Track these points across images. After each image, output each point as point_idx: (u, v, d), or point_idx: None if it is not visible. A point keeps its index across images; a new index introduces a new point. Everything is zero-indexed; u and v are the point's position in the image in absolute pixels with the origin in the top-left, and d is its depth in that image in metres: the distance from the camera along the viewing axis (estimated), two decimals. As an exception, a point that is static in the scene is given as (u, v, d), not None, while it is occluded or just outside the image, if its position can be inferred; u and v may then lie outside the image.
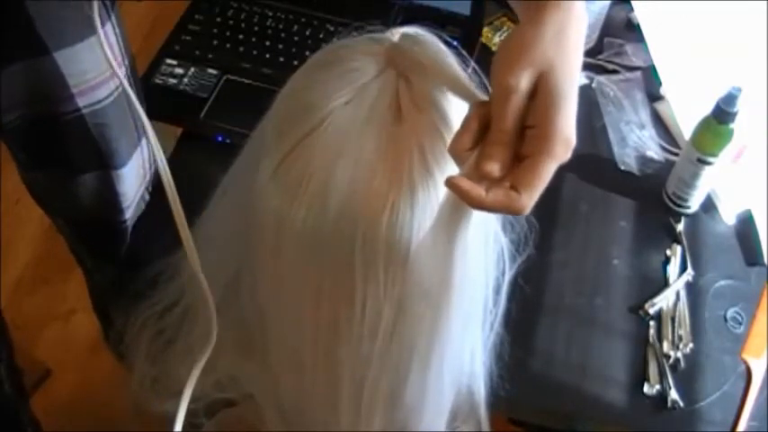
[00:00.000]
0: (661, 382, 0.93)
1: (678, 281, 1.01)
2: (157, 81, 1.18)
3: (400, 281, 0.55)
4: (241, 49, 1.22)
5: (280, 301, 0.61)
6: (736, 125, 0.97)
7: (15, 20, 0.81)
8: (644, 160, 1.11)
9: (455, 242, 0.54)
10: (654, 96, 1.18)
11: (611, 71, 1.20)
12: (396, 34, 0.59)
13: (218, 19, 1.25)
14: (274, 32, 1.24)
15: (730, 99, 0.94)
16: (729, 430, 0.91)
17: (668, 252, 1.03)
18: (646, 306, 0.99)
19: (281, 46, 1.22)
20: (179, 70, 1.19)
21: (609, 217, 1.07)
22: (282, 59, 1.21)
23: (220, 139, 1.13)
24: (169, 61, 1.20)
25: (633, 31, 1.24)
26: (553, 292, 1.00)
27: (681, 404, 0.92)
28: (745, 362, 0.95)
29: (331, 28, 1.24)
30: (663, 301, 0.99)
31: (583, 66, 0.56)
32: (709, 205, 1.07)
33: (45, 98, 0.89)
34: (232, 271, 0.66)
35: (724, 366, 0.95)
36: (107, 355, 1.15)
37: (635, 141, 1.13)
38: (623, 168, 1.11)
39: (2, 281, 1.71)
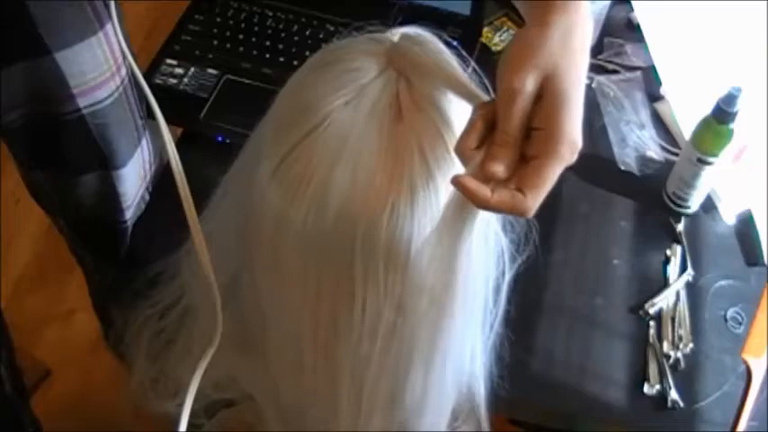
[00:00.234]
0: (661, 382, 0.93)
1: (678, 281, 1.01)
2: (157, 81, 1.18)
3: (400, 281, 0.55)
4: (241, 49, 1.22)
5: (280, 302, 0.61)
6: (736, 125, 0.97)
7: (16, 20, 0.81)
8: (644, 160, 1.11)
9: (460, 243, 0.54)
10: (654, 96, 1.17)
11: (611, 71, 1.20)
12: (396, 34, 0.58)
13: (218, 19, 1.25)
14: (274, 32, 1.23)
15: (730, 99, 0.94)
16: (729, 430, 0.91)
17: (668, 252, 1.03)
18: (646, 306, 0.99)
19: (281, 46, 1.22)
20: (179, 70, 1.19)
21: (609, 217, 1.07)
22: (282, 59, 1.21)
23: (220, 139, 1.13)
24: (169, 61, 1.20)
25: (633, 31, 1.24)
26: (553, 292, 1.00)
27: (681, 404, 0.92)
28: (745, 362, 0.95)
29: (331, 28, 1.24)
30: (663, 301, 0.99)
31: (583, 66, 0.56)
32: (709, 205, 1.07)
33: (46, 98, 0.88)
34: (232, 271, 0.66)
35: (724, 366, 0.95)
36: (107, 355, 1.14)
37: (635, 141, 1.13)
38: (623, 168, 1.11)
39: (2, 281, 1.71)
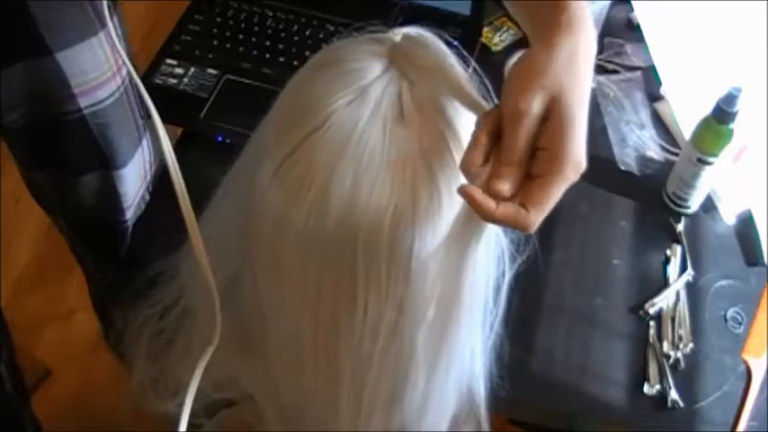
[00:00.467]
0: (661, 382, 0.93)
1: (678, 281, 1.01)
2: (157, 81, 1.18)
3: (402, 282, 0.55)
4: (241, 49, 1.22)
5: (280, 302, 0.61)
6: (736, 125, 0.97)
7: (17, 20, 0.81)
8: (644, 160, 1.11)
9: (467, 256, 0.55)
10: (654, 96, 1.17)
11: (611, 71, 1.20)
12: (397, 35, 0.58)
13: (218, 19, 1.25)
14: (274, 32, 1.23)
15: (730, 99, 0.94)
16: (729, 430, 0.91)
17: (668, 252, 1.03)
18: (646, 306, 0.99)
19: (281, 46, 1.22)
20: (179, 70, 1.19)
21: (609, 217, 1.07)
22: (282, 59, 1.20)
23: (220, 139, 1.13)
24: (169, 61, 1.20)
25: (633, 31, 1.24)
26: (553, 292, 1.00)
27: (681, 404, 0.92)
28: (745, 362, 0.95)
29: (331, 28, 1.24)
30: (663, 301, 0.99)
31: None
32: (709, 205, 1.07)
33: (46, 98, 0.88)
34: (232, 271, 0.66)
35: (724, 366, 0.95)
36: (107, 355, 1.14)
37: (635, 141, 1.13)
38: (623, 168, 1.11)
39: (2, 281, 1.71)
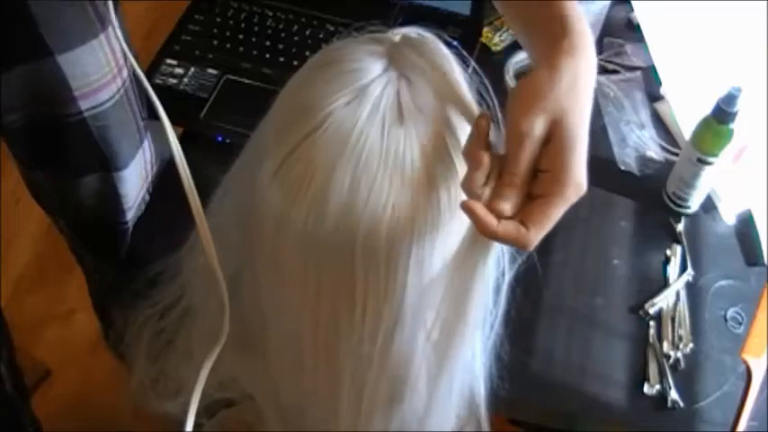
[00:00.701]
0: (661, 382, 0.93)
1: (678, 281, 1.01)
2: (157, 81, 1.18)
3: (401, 282, 0.55)
4: (241, 49, 1.22)
5: (280, 302, 0.61)
6: (736, 125, 0.97)
7: (19, 22, 0.81)
8: (644, 160, 1.11)
9: (475, 276, 0.56)
10: (654, 96, 1.17)
11: (611, 71, 1.20)
12: (397, 35, 0.59)
13: (218, 19, 1.25)
14: (274, 32, 1.23)
15: (730, 99, 0.94)
16: (729, 430, 0.91)
17: (668, 252, 1.03)
18: (646, 306, 0.99)
19: (281, 46, 1.22)
20: (179, 70, 1.19)
21: (609, 217, 1.07)
22: (282, 59, 1.21)
23: (220, 139, 1.13)
24: (169, 61, 1.20)
25: (633, 31, 1.24)
26: (553, 292, 1.00)
27: (681, 404, 0.92)
28: (745, 362, 0.95)
29: (331, 28, 1.24)
30: (663, 301, 0.99)
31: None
32: (709, 205, 1.07)
33: (48, 100, 0.89)
34: (232, 271, 0.66)
35: (724, 366, 0.95)
36: (107, 355, 1.14)
37: (635, 141, 1.13)
38: (623, 168, 1.11)
39: (2, 281, 1.71)
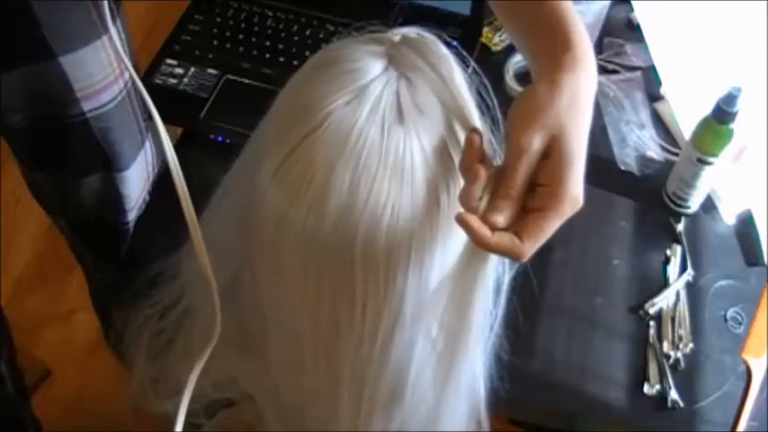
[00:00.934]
0: (661, 382, 0.93)
1: (678, 281, 1.01)
2: (157, 81, 1.18)
3: (400, 281, 0.55)
4: (241, 49, 1.22)
5: (280, 301, 0.61)
6: (736, 125, 0.97)
7: (21, 23, 0.81)
8: (644, 160, 1.11)
9: (475, 288, 0.56)
10: (654, 96, 1.17)
11: (611, 71, 1.20)
12: (396, 35, 0.59)
13: (218, 19, 1.25)
14: (274, 32, 1.23)
15: (730, 99, 0.94)
16: (729, 430, 0.91)
17: (668, 252, 1.03)
18: (646, 306, 0.99)
19: (281, 46, 1.22)
20: (179, 70, 1.19)
21: (609, 217, 1.07)
22: (282, 59, 1.21)
23: (220, 139, 1.13)
24: (169, 61, 1.20)
25: (633, 31, 1.24)
26: (553, 292, 1.00)
27: (681, 404, 0.92)
28: (745, 362, 0.95)
29: (331, 28, 1.24)
30: (663, 301, 0.99)
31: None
32: (709, 205, 1.07)
33: (50, 101, 0.89)
34: (232, 271, 0.66)
35: (724, 366, 0.95)
36: (107, 355, 1.14)
37: (635, 141, 1.13)
38: (623, 168, 1.11)
39: (2, 281, 1.71)
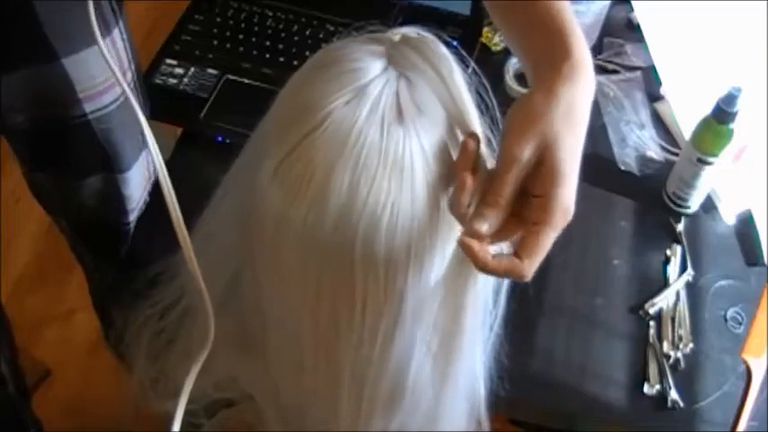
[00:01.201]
0: (661, 382, 0.93)
1: (678, 281, 1.01)
2: (157, 81, 1.18)
3: (400, 281, 0.55)
4: (241, 49, 1.22)
5: (280, 301, 0.61)
6: (736, 125, 0.97)
7: (25, 25, 0.81)
8: (644, 160, 1.11)
9: (466, 292, 0.57)
10: (654, 96, 1.17)
11: (611, 71, 1.20)
12: (396, 35, 0.59)
13: (218, 19, 1.25)
14: (274, 32, 1.23)
15: (730, 99, 0.94)
16: (729, 430, 0.91)
17: (668, 252, 1.03)
18: (646, 306, 0.99)
19: (281, 46, 1.22)
20: (179, 70, 1.19)
21: (609, 217, 1.07)
22: (282, 59, 1.21)
23: (220, 139, 1.13)
24: (169, 61, 1.20)
25: (633, 31, 1.24)
26: (553, 292, 1.00)
27: (681, 404, 0.92)
28: (745, 362, 0.95)
29: (331, 28, 1.24)
30: (663, 301, 0.99)
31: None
32: (709, 205, 1.07)
33: (52, 103, 0.89)
34: (232, 271, 0.66)
35: (724, 366, 0.95)
36: (107, 355, 1.14)
37: (635, 141, 1.13)
38: (623, 168, 1.11)
39: (2, 281, 1.71)
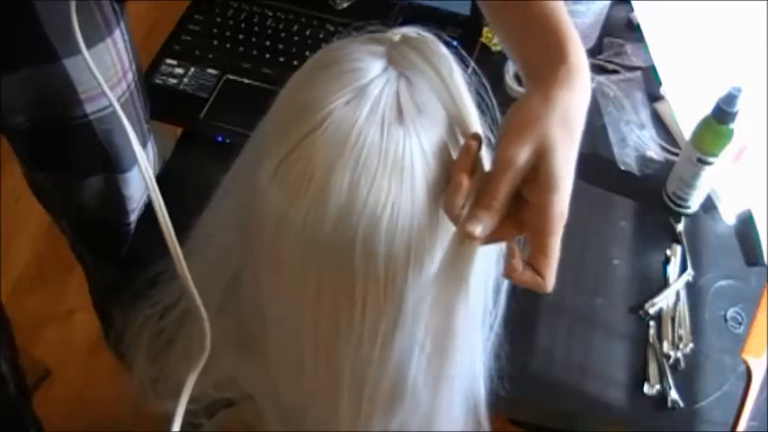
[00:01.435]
0: (661, 382, 0.93)
1: (678, 281, 1.01)
2: (157, 81, 1.18)
3: (400, 281, 0.55)
4: (241, 49, 1.22)
5: (280, 302, 0.61)
6: (736, 125, 0.97)
7: (25, 25, 0.81)
8: (644, 160, 1.11)
9: (459, 291, 0.56)
10: (654, 96, 1.17)
11: (611, 71, 1.20)
12: (396, 34, 0.59)
13: (218, 19, 1.25)
14: (274, 32, 1.23)
15: (730, 99, 0.94)
16: (729, 430, 0.91)
17: (668, 252, 1.03)
18: (646, 306, 0.99)
19: (281, 46, 1.22)
20: (179, 70, 1.19)
21: (609, 217, 1.07)
22: (282, 59, 1.21)
23: (220, 139, 1.13)
24: (169, 61, 1.20)
25: (633, 31, 1.24)
26: (553, 292, 1.00)
27: (681, 404, 0.92)
28: (745, 362, 0.95)
29: (331, 28, 1.24)
30: (663, 301, 0.99)
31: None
32: (709, 205, 1.07)
33: (53, 103, 0.89)
34: (232, 271, 0.66)
35: (724, 366, 0.95)
36: (107, 355, 1.14)
37: (635, 141, 1.13)
38: (623, 168, 1.11)
39: (2, 280, 1.71)
